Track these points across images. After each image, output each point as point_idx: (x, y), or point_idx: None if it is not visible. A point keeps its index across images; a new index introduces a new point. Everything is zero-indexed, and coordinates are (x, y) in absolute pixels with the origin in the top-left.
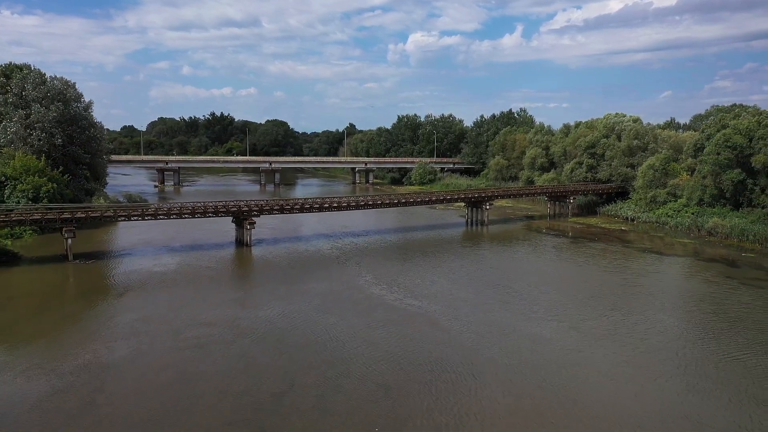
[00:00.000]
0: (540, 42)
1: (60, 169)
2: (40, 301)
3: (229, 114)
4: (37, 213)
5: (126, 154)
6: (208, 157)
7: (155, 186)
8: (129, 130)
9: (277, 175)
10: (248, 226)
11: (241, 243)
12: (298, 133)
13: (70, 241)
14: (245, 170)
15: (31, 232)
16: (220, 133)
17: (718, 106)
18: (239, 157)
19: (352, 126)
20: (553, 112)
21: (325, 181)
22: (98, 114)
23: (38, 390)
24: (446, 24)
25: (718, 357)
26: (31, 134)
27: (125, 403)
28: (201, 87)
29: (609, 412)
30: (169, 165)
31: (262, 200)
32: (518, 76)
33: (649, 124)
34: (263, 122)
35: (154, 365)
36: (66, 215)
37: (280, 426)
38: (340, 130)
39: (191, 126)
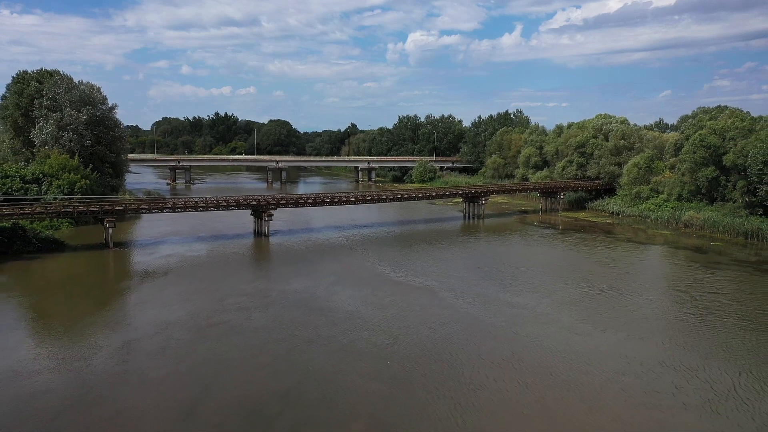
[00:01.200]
0: (539, 41)
1: (90, 167)
2: (99, 278)
3: (233, 114)
4: (81, 205)
5: (131, 153)
6: (219, 156)
7: (167, 184)
8: (134, 130)
9: (284, 173)
10: (266, 218)
11: (259, 234)
12: (299, 132)
13: (111, 230)
14: (249, 169)
15: (67, 224)
16: (224, 132)
17: (703, 107)
18: (248, 156)
19: (353, 126)
20: (552, 111)
21: (329, 179)
22: None
23: (122, 338)
24: (445, 23)
25: (659, 315)
26: (64, 135)
27: (191, 347)
28: (200, 86)
29: (563, 350)
30: (181, 164)
31: (278, 195)
32: (517, 76)
33: (635, 125)
34: (266, 122)
35: (207, 321)
36: (107, 207)
37: (311, 361)
38: (340, 129)
39: (195, 126)
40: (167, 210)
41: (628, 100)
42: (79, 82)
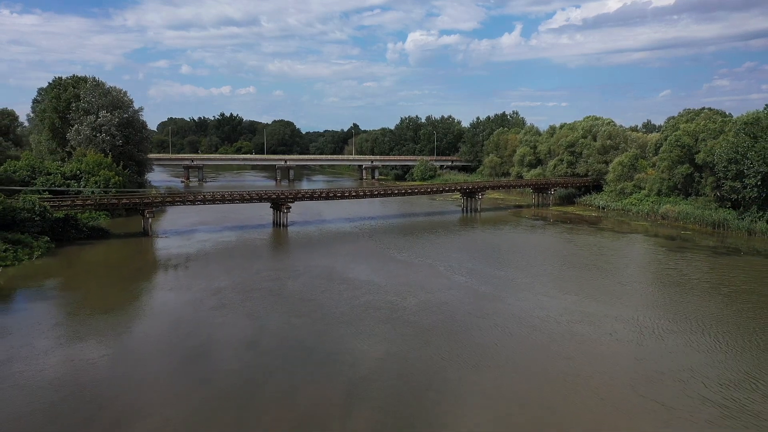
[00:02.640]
0: (539, 41)
1: (122, 165)
2: (150, 259)
3: (237, 114)
4: (125, 198)
5: None
6: (231, 155)
7: (181, 181)
8: None
9: (292, 172)
10: (285, 210)
11: (277, 224)
12: (302, 133)
13: (150, 220)
14: (254, 168)
15: (104, 216)
16: (229, 132)
17: (688, 108)
18: (258, 155)
19: (356, 126)
20: (552, 111)
21: (332, 177)
22: None
23: (186, 298)
24: (445, 23)
25: (616, 284)
26: (98, 136)
27: (242, 304)
28: (200, 86)
29: (532, 306)
30: (195, 162)
31: (295, 190)
32: (517, 75)
33: (621, 126)
34: (269, 122)
35: (250, 287)
36: (147, 200)
37: (339, 312)
38: (340, 129)
39: (201, 126)
40: (198, 202)
41: (628, 100)
42: (110, 87)
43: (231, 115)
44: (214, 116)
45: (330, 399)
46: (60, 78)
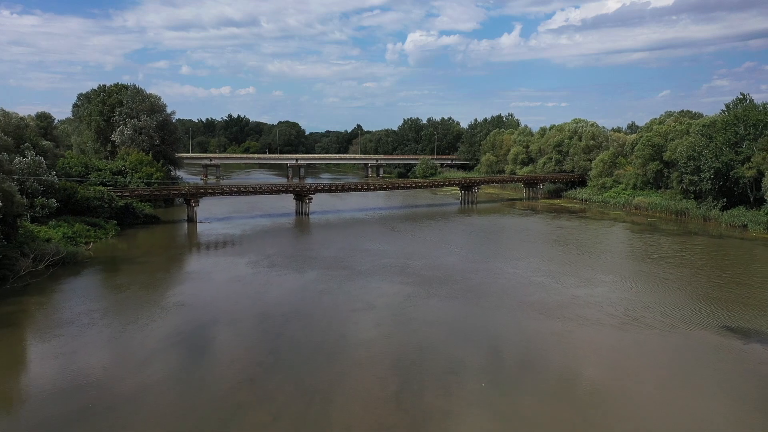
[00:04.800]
0: (538, 41)
1: (161, 162)
2: (205, 238)
3: (245, 116)
4: (175, 189)
5: None
6: (246, 155)
7: (200, 179)
8: None
9: (302, 170)
10: (307, 201)
11: (299, 213)
12: (307, 133)
13: (195, 208)
14: (263, 166)
15: (148, 206)
16: (237, 133)
17: (669, 111)
18: (272, 155)
19: (359, 126)
20: (552, 111)
21: (338, 175)
22: None
23: (246, 260)
24: (445, 23)
25: (580, 254)
26: (139, 137)
27: (289, 264)
28: (200, 86)
29: (510, 265)
30: (213, 161)
31: (314, 183)
32: (516, 76)
33: (603, 127)
34: (270, 123)
35: (292, 255)
36: (193, 191)
37: (363, 269)
38: (344, 130)
39: (208, 127)
40: (235, 194)
41: (628, 100)
42: (148, 94)
43: (238, 116)
44: (222, 118)
45: (362, 306)
46: (104, 86)
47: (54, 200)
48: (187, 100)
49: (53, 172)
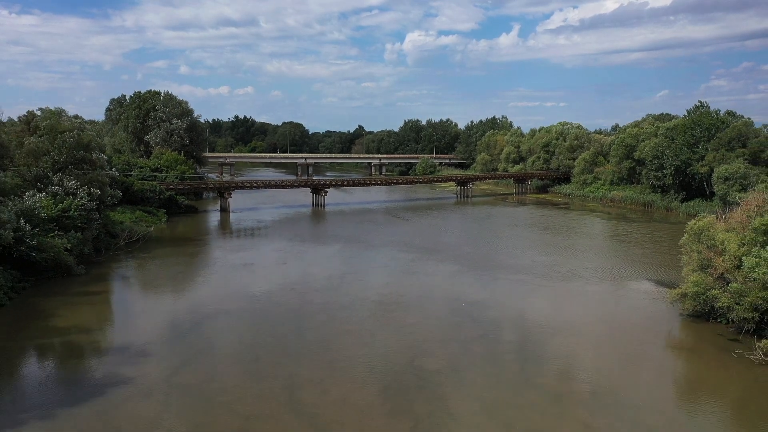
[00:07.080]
0: (536, 41)
1: (191, 161)
2: (242, 224)
3: (251, 117)
4: (211, 183)
5: None
6: (260, 154)
7: (216, 176)
8: None
9: (311, 168)
10: (323, 194)
11: (316, 205)
12: (310, 134)
13: (229, 200)
14: (269, 165)
15: (184, 198)
16: (243, 133)
17: (652, 114)
18: (282, 154)
19: (361, 127)
20: (550, 111)
21: (341, 174)
22: (98, 113)
23: (279, 238)
24: (443, 23)
25: (554, 236)
26: (170, 138)
27: (317, 241)
28: (198, 86)
29: (494, 242)
30: (228, 160)
31: (328, 178)
32: (514, 76)
33: (586, 129)
34: (273, 123)
35: (319, 235)
36: (226, 185)
37: (378, 242)
38: (340, 129)
39: (215, 127)
40: (261, 188)
41: (626, 100)
42: (179, 100)
43: (245, 117)
44: (228, 118)
45: (378, 265)
46: (139, 92)
47: (119, 191)
48: (186, 100)
49: (113, 168)
